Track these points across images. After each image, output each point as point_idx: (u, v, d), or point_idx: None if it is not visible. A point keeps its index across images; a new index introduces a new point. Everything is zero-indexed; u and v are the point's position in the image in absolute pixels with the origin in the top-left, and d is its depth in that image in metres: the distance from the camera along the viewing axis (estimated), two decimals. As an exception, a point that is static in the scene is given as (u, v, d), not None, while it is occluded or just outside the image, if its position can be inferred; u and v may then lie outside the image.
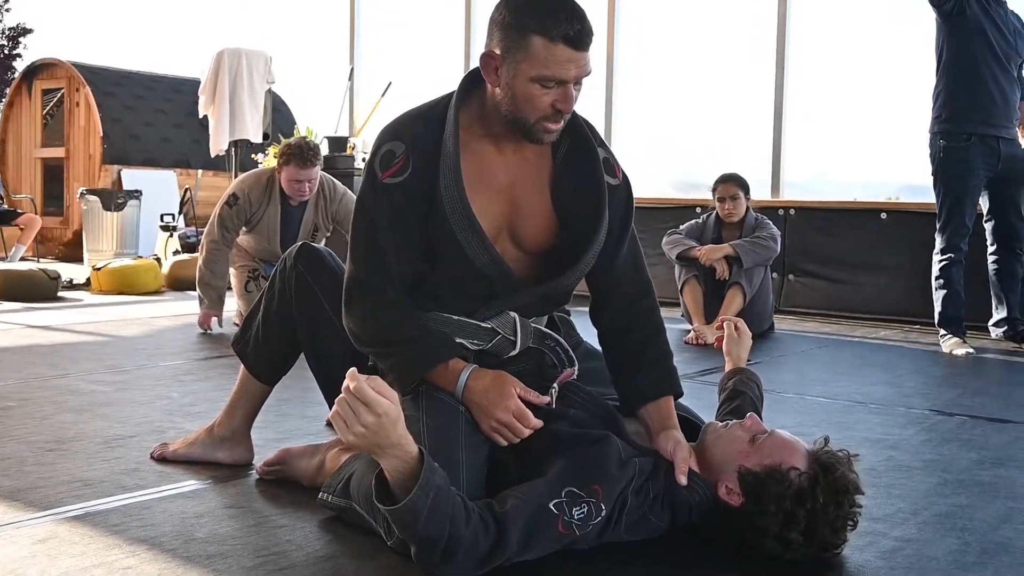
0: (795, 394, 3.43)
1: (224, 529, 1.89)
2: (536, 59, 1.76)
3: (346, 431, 1.53)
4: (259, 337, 2.25)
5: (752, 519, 1.73)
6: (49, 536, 1.83)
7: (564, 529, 1.68)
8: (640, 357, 1.98)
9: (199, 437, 2.36)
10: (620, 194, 1.98)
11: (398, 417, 1.54)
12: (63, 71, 10.46)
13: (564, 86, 1.78)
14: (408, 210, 1.87)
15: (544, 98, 1.79)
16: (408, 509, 1.54)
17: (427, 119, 1.89)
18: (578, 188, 1.93)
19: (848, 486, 1.71)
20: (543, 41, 1.75)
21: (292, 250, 2.22)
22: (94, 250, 8.93)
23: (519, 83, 1.78)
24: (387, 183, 1.86)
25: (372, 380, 1.53)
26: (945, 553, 1.85)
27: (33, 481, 2.18)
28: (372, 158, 1.90)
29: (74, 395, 3.14)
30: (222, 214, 4.59)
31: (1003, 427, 2.98)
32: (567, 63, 1.76)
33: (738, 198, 4.96)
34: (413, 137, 1.88)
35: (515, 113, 1.82)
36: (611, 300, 2.02)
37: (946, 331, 4.63)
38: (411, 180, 1.85)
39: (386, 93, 8.07)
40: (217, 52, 7.98)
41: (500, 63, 1.80)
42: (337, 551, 1.79)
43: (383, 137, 1.91)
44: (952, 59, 4.52)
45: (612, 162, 1.99)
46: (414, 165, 1.86)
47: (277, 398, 2.47)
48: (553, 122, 1.82)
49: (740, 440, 1.80)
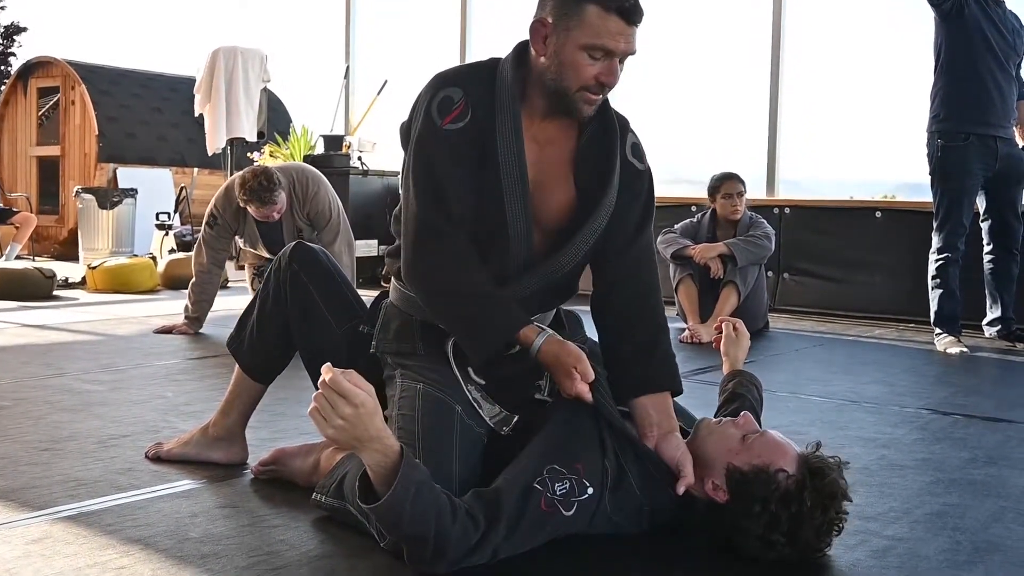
0: (789, 393, 3.44)
1: (218, 529, 1.89)
2: (588, 27, 1.79)
3: (324, 425, 1.53)
4: (254, 337, 2.25)
5: (736, 518, 1.73)
6: (43, 536, 1.83)
7: (547, 506, 1.68)
8: (644, 352, 1.97)
9: (194, 437, 2.36)
10: (645, 179, 2.02)
11: (375, 409, 1.54)
12: (59, 69, 10.46)
13: (611, 59, 1.81)
14: (467, 155, 1.87)
15: (590, 68, 1.81)
16: (389, 506, 1.53)
17: (481, 73, 1.91)
18: (599, 169, 1.95)
19: (836, 492, 1.71)
20: (598, 10, 1.78)
21: (286, 250, 2.22)
22: (89, 249, 8.92)
23: (568, 51, 1.81)
24: (448, 129, 1.86)
25: (348, 373, 1.53)
26: (937, 552, 1.86)
27: (27, 481, 2.18)
28: (428, 103, 1.88)
29: (69, 394, 3.14)
30: (206, 238, 4.60)
31: (995, 426, 2.99)
32: (617, 35, 1.79)
33: (743, 194, 4.98)
34: (472, 85, 1.88)
35: (559, 82, 1.84)
36: (619, 292, 2.00)
37: (941, 330, 4.64)
38: (470, 127, 1.86)
39: (382, 91, 8.07)
40: (213, 50, 7.99)
41: (550, 31, 1.82)
42: (331, 551, 1.80)
43: (437, 84, 1.90)
44: (950, 58, 4.53)
45: (642, 150, 2.02)
46: (473, 112, 1.87)
47: (272, 398, 2.48)
48: (594, 93, 1.85)
49: (731, 438, 1.81)
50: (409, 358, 1.99)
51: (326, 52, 9.16)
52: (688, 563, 1.78)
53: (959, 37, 4.49)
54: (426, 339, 1.98)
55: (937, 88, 4.60)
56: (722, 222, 5.01)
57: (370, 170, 7.48)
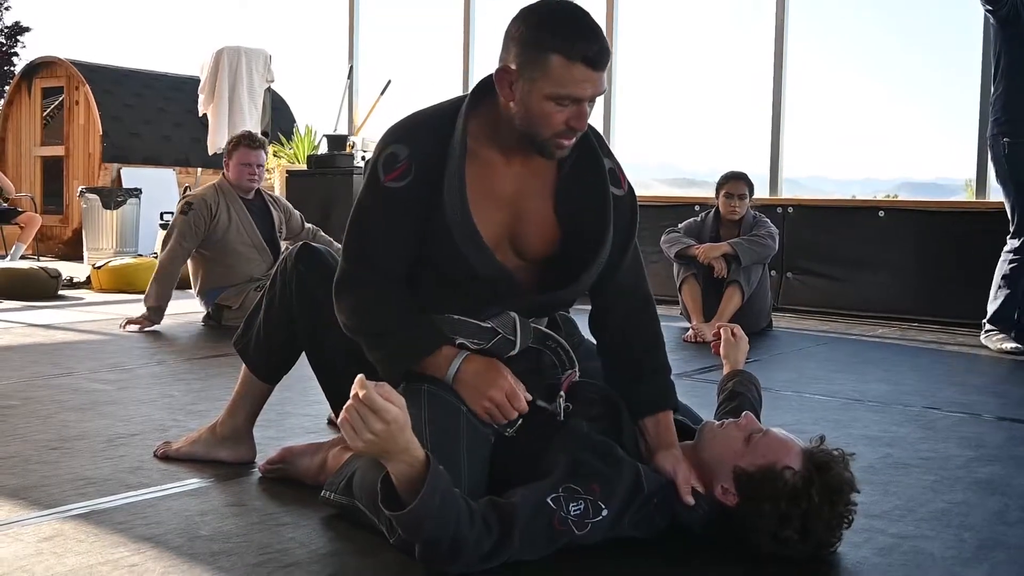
0: (793, 392, 3.45)
1: (228, 527, 1.91)
2: (553, 77, 1.75)
3: (355, 438, 1.53)
4: (260, 337, 2.26)
5: (748, 519, 1.75)
6: (55, 534, 1.84)
7: (559, 524, 1.69)
8: (638, 369, 1.99)
9: (202, 436, 2.37)
10: (624, 205, 1.98)
11: (406, 423, 1.55)
12: (63, 69, 10.47)
13: (579, 104, 1.78)
14: (405, 212, 1.87)
15: (558, 116, 1.78)
16: (415, 513, 1.55)
17: (435, 124, 1.88)
18: (582, 199, 1.93)
19: (843, 485, 1.73)
20: (561, 60, 1.74)
21: (292, 250, 2.23)
22: (94, 248, 8.94)
23: (534, 100, 1.78)
24: (388, 186, 1.87)
25: (380, 387, 1.54)
26: (942, 549, 1.87)
27: (37, 479, 2.19)
28: (375, 159, 1.89)
29: (76, 394, 3.16)
30: (180, 227, 4.71)
31: (1000, 424, 3.00)
32: (584, 83, 1.76)
33: (745, 197, 4.97)
34: (418, 142, 1.87)
35: (528, 128, 1.82)
36: (612, 311, 2.02)
37: (994, 327, 4.62)
38: (413, 185, 1.86)
39: (385, 91, 8.08)
40: (216, 50, 8.00)
41: (515, 78, 1.79)
42: (340, 548, 1.81)
43: (388, 138, 1.90)
44: (1010, 63, 4.49)
45: (617, 172, 1.98)
46: (416, 171, 1.85)
47: (279, 397, 2.49)
48: (566, 138, 1.82)
49: (735, 440, 1.82)
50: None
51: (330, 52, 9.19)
52: (697, 559, 1.79)
53: (1017, 42, 4.48)
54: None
55: (998, 93, 4.56)
56: (725, 221, 5.02)
57: (374, 170, 7.47)
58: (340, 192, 7.33)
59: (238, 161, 4.82)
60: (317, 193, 7.43)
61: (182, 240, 4.70)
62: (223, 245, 4.76)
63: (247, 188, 4.87)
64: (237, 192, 4.86)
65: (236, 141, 4.90)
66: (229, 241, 4.77)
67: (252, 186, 4.88)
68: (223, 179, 4.92)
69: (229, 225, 4.77)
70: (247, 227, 4.82)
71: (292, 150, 9.08)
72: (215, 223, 4.74)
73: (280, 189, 7.93)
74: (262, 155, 4.90)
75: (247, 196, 4.89)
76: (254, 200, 4.93)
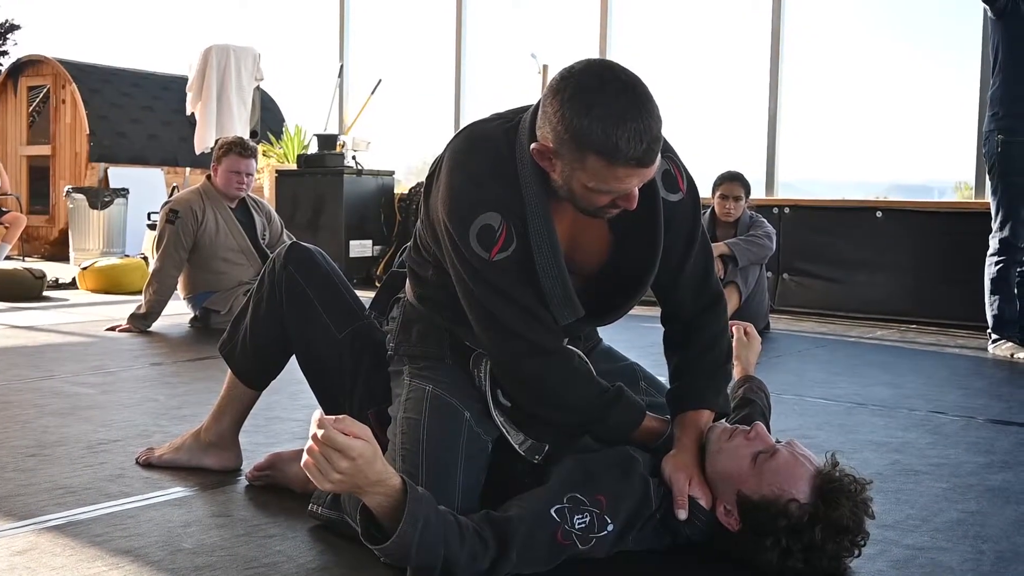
0: (794, 395, 3.38)
1: (212, 539, 1.82)
2: (594, 175, 1.58)
3: (322, 479, 1.44)
4: (247, 341, 2.17)
5: (749, 546, 1.67)
6: (29, 547, 1.75)
7: (563, 539, 1.62)
8: (687, 366, 1.91)
9: (186, 442, 2.28)
10: (683, 210, 1.83)
11: (374, 455, 1.46)
12: (49, 68, 10.35)
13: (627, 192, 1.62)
14: (529, 276, 1.71)
15: (603, 198, 1.62)
16: (397, 544, 1.48)
17: (500, 172, 1.70)
18: (636, 214, 1.73)
19: (848, 526, 1.62)
20: (603, 162, 1.55)
21: (281, 251, 2.14)
22: (80, 249, 8.83)
23: (576, 185, 1.62)
24: (499, 261, 1.68)
25: (340, 423, 1.44)
26: (960, 562, 1.79)
27: (13, 488, 2.10)
28: (465, 238, 1.68)
29: (57, 397, 3.06)
30: (170, 236, 4.59)
31: (1008, 429, 2.93)
32: (630, 179, 1.58)
33: (740, 199, 4.90)
34: (501, 202, 1.68)
35: (573, 201, 1.67)
36: (680, 312, 1.93)
37: (1000, 336, 4.50)
38: (519, 250, 1.69)
39: (376, 90, 8.00)
40: (205, 48, 7.90)
41: (554, 155, 1.61)
42: (329, 562, 1.72)
43: (465, 210, 1.69)
44: (1007, 56, 4.42)
45: (674, 174, 1.82)
46: (517, 234, 1.68)
47: (267, 401, 2.40)
48: (615, 209, 1.67)
49: (742, 458, 1.71)
50: (429, 361, 1.89)
51: (320, 51, 9.07)
52: (700, 566, 1.72)
53: (1015, 35, 4.40)
54: (454, 349, 1.88)
55: (995, 87, 4.48)
56: (721, 222, 4.95)
57: (364, 170, 7.41)
58: (330, 192, 7.25)
59: (227, 168, 4.66)
60: (307, 193, 7.36)
61: (174, 250, 4.58)
62: (211, 251, 4.66)
63: (233, 196, 4.73)
64: (223, 198, 4.73)
65: (227, 147, 4.69)
66: (217, 247, 4.66)
67: (239, 195, 4.74)
68: (208, 183, 4.77)
69: (217, 231, 4.66)
70: (235, 232, 4.70)
71: (282, 149, 8.99)
72: (202, 229, 4.63)
73: (270, 189, 7.84)
74: (252, 164, 4.74)
75: (232, 204, 4.77)
76: (237, 205, 4.81)
